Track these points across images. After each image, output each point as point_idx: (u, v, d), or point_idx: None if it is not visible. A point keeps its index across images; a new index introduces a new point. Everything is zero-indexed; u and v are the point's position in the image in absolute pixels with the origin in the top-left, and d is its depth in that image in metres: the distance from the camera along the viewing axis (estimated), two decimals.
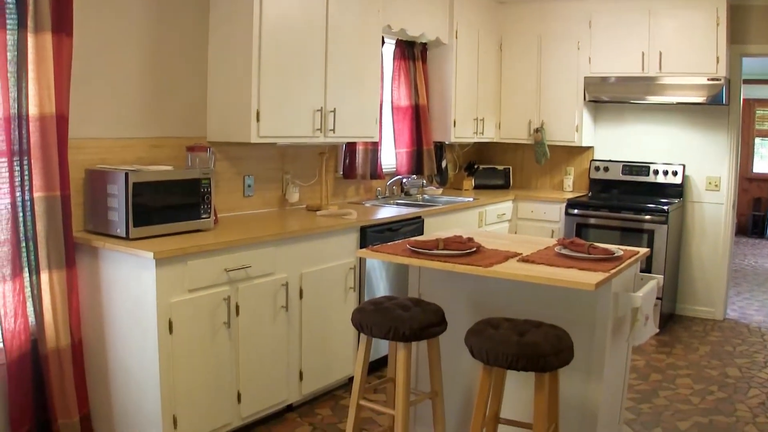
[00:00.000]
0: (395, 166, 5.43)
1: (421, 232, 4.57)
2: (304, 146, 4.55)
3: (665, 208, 5.29)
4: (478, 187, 6.24)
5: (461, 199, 5.47)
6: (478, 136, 5.93)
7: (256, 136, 3.75)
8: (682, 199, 5.74)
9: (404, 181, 5.52)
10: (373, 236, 4.13)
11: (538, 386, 2.49)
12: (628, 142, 6.03)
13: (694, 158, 5.76)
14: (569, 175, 6.29)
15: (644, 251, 3.19)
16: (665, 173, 5.77)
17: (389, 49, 5.21)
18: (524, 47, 6.05)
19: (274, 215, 4.19)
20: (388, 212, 4.52)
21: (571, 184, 6.27)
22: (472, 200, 5.38)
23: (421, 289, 3.33)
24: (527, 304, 2.98)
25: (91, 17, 3.30)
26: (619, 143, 6.08)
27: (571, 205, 5.68)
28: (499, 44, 6.14)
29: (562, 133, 5.94)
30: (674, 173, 5.73)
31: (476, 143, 6.48)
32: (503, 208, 5.75)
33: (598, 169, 6.06)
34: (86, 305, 3.23)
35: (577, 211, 5.64)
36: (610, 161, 6.03)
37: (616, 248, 3.06)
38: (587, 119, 5.97)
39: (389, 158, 5.42)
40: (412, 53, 5.35)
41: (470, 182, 6.21)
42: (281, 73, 3.85)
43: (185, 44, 3.78)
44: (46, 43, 2.95)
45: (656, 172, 5.81)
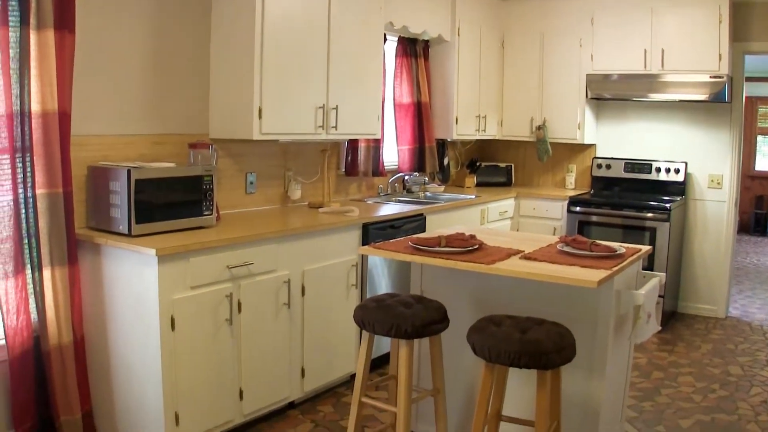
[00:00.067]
0: (397, 163, 5.43)
1: (423, 229, 4.57)
2: (306, 143, 4.55)
3: (667, 205, 5.29)
4: (480, 184, 6.24)
5: (463, 196, 5.46)
6: (480, 133, 5.93)
7: (258, 133, 3.75)
8: (684, 196, 5.73)
9: (406, 178, 5.52)
10: (375, 233, 4.13)
11: (540, 384, 2.49)
12: (630, 139, 6.03)
13: (696, 156, 5.75)
14: (571, 172, 6.29)
15: (646, 249, 3.19)
16: (667, 171, 5.76)
17: (391, 46, 5.20)
18: (526, 44, 6.05)
19: (276, 212, 4.19)
20: (390, 209, 4.52)
21: (573, 181, 6.27)
22: (474, 198, 5.37)
23: (423, 286, 3.33)
24: (529, 301, 2.98)
25: (93, 14, 3.30)
26: (621, 141, 6.07)
27: (573, 202, 5.67)
28: (501, 41, 6.14)
29: (564, 130, 5.94)
30: (676, 171, 5.72)
31: (478, 140, 6.48)
32: (505, 205, 5.75)
33: (600, 166, 6.06)
34: (88, 302, 3.23)
35: (579, 208, 5.64)
36: (612, 159, 6.03)
37: (618, 246, 3.06)
38: (589, 117, 5.96)
39: (391, 155, 5.42)
40: (414, 50, 5.35)
41: (472, 180, 6.20)
42: (283, 69, 3.85)
43: (187, 41, 3.78)
44: (48, 40, 2.95)
45: (658, 169, 5.80)
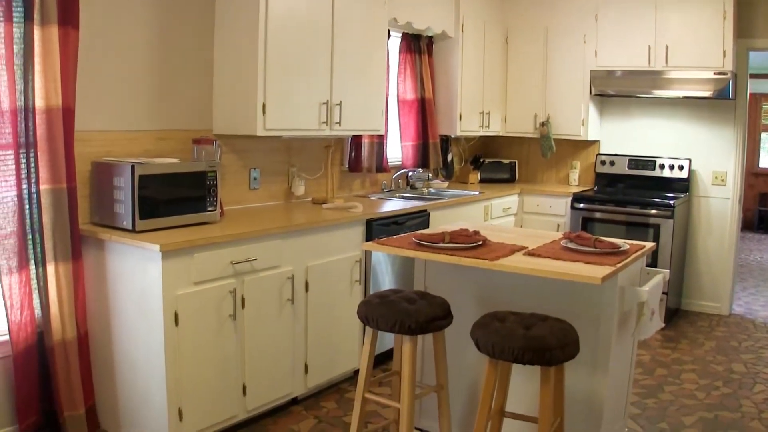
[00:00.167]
0: (401, 159, 5.43)
1: (426, 225, 4.57)
2: (309, 139, 4.55)
3: (671, 202, 5.28)
4: (483, 180, 6.23)
5: (467, 192, 5.46)
6: (483, 129, 5.92)
7: (262, 128, 3.74)
8: (688, 193, 5.72)
9: (410, 174, 5.52)
10: (378, 229, 4.13)
11: (543, 380, 2.48)
12: (634, 136, 6.02)
13: (700, 153, 5.74)
14: (575, 169, 6.28)
15: (650, 246, 3.18)
16: (671, 168, 5.75)
17: (395, 42, 5.20)
18: (530, 41, 6.03)
19: (279, 208, 4.19)
20: (393, 205, 4.52)
21: (576, 178, 6.26)
22: (477, 194, 5.37)
23: (426, 282, 3.33)
24: (533, 297, 2.98)
25: (97, 10, 3.30)
26: (625, 137, 6.06)
27: (576, 199, 5.66)
28: (505, 38, 6.12)
29: (567, 126, 5.93)
30: (680, 168, 5.71)
31: (482, 137, 6.47)
32: (509, 201, 5.74)
33: (604, 163, 6.05)
34: (92, 297, 3.24)
35: (582, 205, 5.63)
36: (616, 155, 6.01)
37: (622, 242, 3.05)
38: (593, 113, 5.95)
39: (395, 152, 5.42)
40: (418, 46, 5.34)
41: (476, 176, 6.20)
42: (287, 65, 3.85)
43: (192, 36, 3.78)
44: (52, 35, 2.95)
45: (662, 166, 5.79)
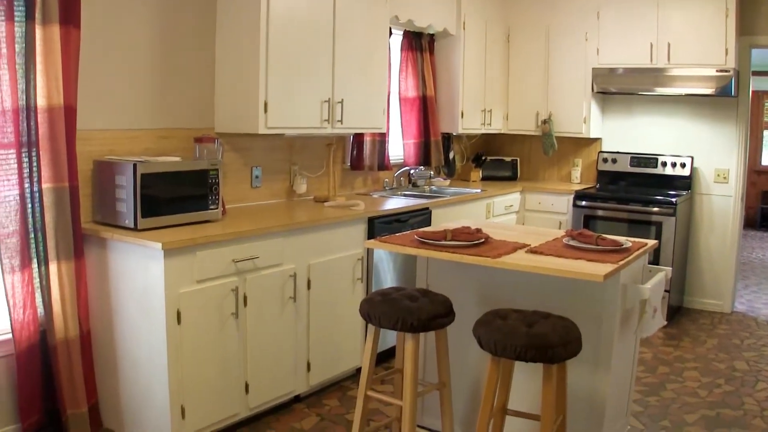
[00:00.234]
0: (403, 157, 5.43)
1: (428, 223, 4.57)
2: (311, 137, 4.55)
3: (673, 200, 5.27)
4: (485, 178, 6.23)
5: (469, 190, 5.46)
6: (485, 127, 5.92)
7: (263, 127, 3.74)
8: (690, 191, 5.71)
9: (412, 172, 5.52)
10: (380, 227, 4.13)
11: (546, 378, 2.48)
12: (636, 133, 6.01)
13: (702, 150, 5.73)
14: (577, 166, 6.27)
15: (652, 243, 3.18)
16: (673, 165, 5.74)
17: (396, 40, 5.19)
18: (532, 38, 6.03)
19: (281, 206, 4.19)
20: (395, 203, 4.51)
21: (578, 175, 6.25)
22: (479, 191, 5.37)
23: (428, 279, 3.33)
24: (535, 295, 2.98)
25: (98, 9, 3.30)
26: (627, 135, 6.05)
27: (578, 196, 5.66)
28: (506, 35, 6.12)
29: (569, 124, 5.92)
30: (682, 165, 5.70)
31: (484, 134, 6.47)
32: (511, 199, 5.74)
33: (606, 160, 6.04)
34: (95, 296, 3.24)
35: (584, 202, 5.62)
36: (618, 153, 6.00)
37: (624, 240, 3.05)
38: (595, 111, 5.95)
39: (397, 149, 5.42)
40: (419, 44, 5.34)
41: (478, 173, 6.20)
42: (289, 64, 3.84)
43: (193, 35, 3.78)
44: (53, 34, 2.95)
45: (664, 164, 5.78)
